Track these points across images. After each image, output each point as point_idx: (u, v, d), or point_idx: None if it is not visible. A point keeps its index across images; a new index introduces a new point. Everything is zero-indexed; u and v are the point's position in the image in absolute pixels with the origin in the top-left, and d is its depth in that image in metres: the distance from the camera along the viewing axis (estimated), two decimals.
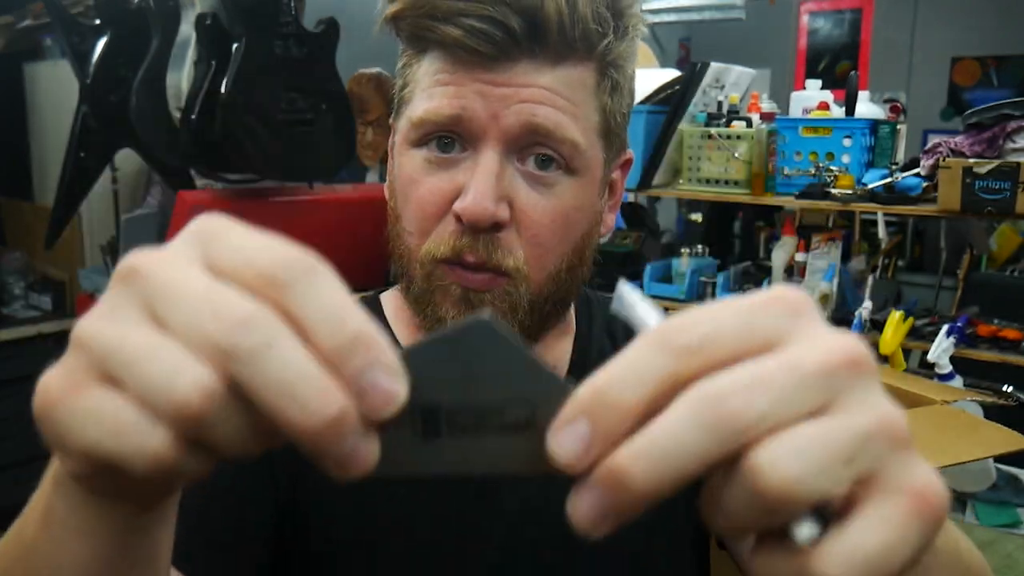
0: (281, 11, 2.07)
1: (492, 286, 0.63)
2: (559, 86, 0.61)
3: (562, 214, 0.64)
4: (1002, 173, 1.68)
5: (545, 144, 0.61)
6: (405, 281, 0.68)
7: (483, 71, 0.60)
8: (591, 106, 0.64)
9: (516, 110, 0.60)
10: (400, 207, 0.66)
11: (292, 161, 2.15)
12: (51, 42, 3.30)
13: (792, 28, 5.28)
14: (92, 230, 3.14)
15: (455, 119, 0.61)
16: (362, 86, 2.85)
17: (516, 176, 0.62)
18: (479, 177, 0.60)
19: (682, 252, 2.34)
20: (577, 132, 0.62)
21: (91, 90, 2.20)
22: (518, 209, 0.62)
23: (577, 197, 0.64)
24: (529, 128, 0.61)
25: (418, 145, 0.64)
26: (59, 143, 2.65)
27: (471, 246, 0.62)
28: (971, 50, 4.84)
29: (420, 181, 0.64)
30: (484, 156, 0.61)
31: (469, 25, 0.58)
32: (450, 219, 0.62)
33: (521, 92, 0.60)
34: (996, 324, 1.88)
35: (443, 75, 0.61)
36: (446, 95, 0.61)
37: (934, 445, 1.26)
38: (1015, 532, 1.56)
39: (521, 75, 0.60)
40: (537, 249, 0.63)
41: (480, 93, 0.60)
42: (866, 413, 0.27)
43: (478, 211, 0.60)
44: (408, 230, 0.66)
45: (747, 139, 2.11)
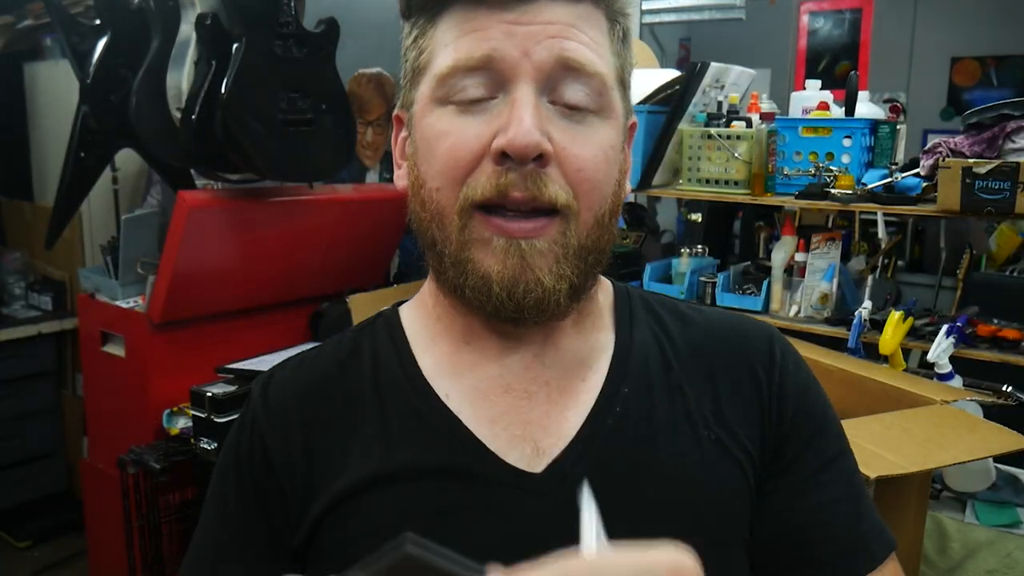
0: (281, 11, 2.06)
1: (543, 232, 0.61)
2: (581, 22, 0.62)
3: (601, 150, 0.63)
4: (1002, 173, 1.68)
5: (577, 79, 0.61)
6: (436, 250, 0.65)
7: (506, 12, 0.60)
8: (608, 50, 0.64)
9: (548, 45, 0.60)
10: (424, 170, 0.64)
11: (292, 161, 2.15)
12: (51, 42, 3.30)
13: (792, 28, 5.27)
14: (92, 230, 3.14)
15: (485, 60, 0.60)
16: (362, 86, 2.85)
17: (551, 113, 0.61)
18: (520, 109, 0.59)
19: (682, 252, 2.34)
20: (604, 67, 0.63)
21: (91, 90, 2.20)
22: (558, 144, 0.61)
23: (609, 137, 0.64)
24: (562, 61, 0.60)
25: (444, 103, 0.62)
26: (59, 143, 2.64)
27: (517, 182, 0.60)
28: (971, 50, 4.83)
29: (448, 132, 0.62)
30: (520, 91, 0.60)
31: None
32: (487, 163, 0.60)
33: (548, 28, 0.60)
34: (996, 324, 1.88)
35: (467, 24, 0.61)
36: (474, 40, 0.61)
37: (934, 445, 1.26)
38: (1015, 532, 1.55)
39: (545, 12, 0.60)
40: (585, 185, 0.62)
41: (507, 33, 0.60)
42: None
43: (526, 140, 0.58)
44: (436, 187, 0.63)
45: (747, 139, 2.11)
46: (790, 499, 0.69)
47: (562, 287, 0.62)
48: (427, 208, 0.64)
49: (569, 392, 0.68)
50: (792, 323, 2.09)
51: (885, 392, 1.51)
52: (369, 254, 2.71)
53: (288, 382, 0.73)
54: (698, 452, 0.67)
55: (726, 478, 0.68)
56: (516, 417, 0.66)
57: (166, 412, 2.29)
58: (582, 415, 0.67)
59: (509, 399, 0.67)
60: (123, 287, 2.45)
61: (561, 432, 0.66)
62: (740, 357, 0.72)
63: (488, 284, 0.62)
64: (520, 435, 0.66)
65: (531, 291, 0.61)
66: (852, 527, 0.70)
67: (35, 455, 3.27)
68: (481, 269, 0.62)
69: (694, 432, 0.68)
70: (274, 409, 0.71)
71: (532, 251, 0.61)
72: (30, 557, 3.08)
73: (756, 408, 0.70)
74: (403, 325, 0.74)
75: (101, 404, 2.56)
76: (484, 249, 0.61)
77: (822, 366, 1.62)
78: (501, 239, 0.61)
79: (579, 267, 0.63)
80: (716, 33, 4.67)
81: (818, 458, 0.71)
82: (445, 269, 0.64)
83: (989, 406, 1.58)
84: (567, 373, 0.69)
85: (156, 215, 2.58)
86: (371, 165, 2.91)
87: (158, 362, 2.32)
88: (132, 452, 2.18)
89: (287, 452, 0.68)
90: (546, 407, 0.67)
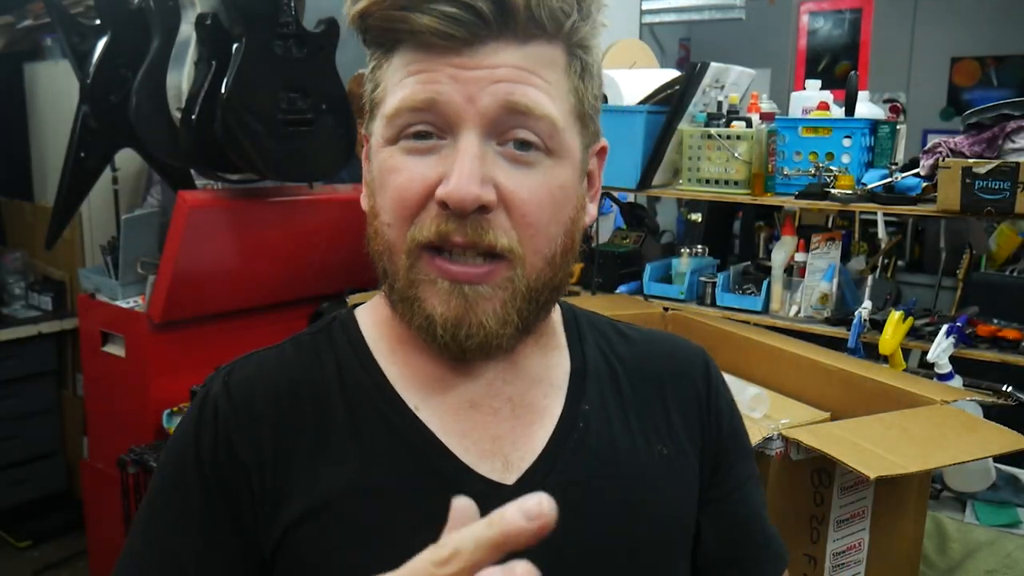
0: (281, 11, 2.07)
1: (487, 278, 0.62)
2: (531, 64, 0.61)
3: (548, 193, 0.63)
4: (1002, 173, 1.68)
5: (524, 124, 0.61)
6: (388, 282, 0.66)
7: (454, 56, 0.60)
8: (564, 87, 0.63)
9: (492, 91, 0.60)
10: (378, 202, 0.65)
11: (292, 161, 2.15)
12: (51, 42, 3.30)
13: (792, 28, 5.27)
14: (92, 230, 3.14)
15: (429, 103, 0.60)
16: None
17: (498, 158, 0.61)
18: (461, 160, 0.59)
19: (682, 252, 2.34)
20: (554, 110, 0.62)
21: (91, 90, 2.20)
22: (504, 190, 0.61)
23: (559, 177, 0.63)
24: (507, 107, 0.60)
25: (394, 142, 0.63)
26: (59, 143, 2.64)
27: (458, 228, 0.60)
28: (971, 50, 4.84)
29: (399, 170, 0.62)
30: (464, 139, 0.60)
31: (439, 11, 0.58)
32: (433, 206, 0.61)
33: (495, 72, 0.60)
34: (995, 324, 1.88)
35: (414, 65, 0.61)
36: (419, 82, 0.60)
37: (934, 445, 1.26)
38: (1015, 532, 1.56)
39: (492, 56, 0.60)
40: (529, 230, 0.62)
41: (453, 77, 0.60)
42: None
43: (463, 194, 0.58)
44: (387, 222, 0.64)
45: (747, 139, 2.11)
46: (727, 507, 0.76)
47: (507, 331, 0.63)
48: (379, 240, 0.66)
49: (532, 408, 0.70)
50: (792, 323, 2.08)
51: (885, 392, 1.51)
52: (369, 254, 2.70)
53: (253, 380, 0.70)
54: (652, 464, 0.72)
55: (677, 488, 0.73)
56: (485, 432, 0.68)
57: (166, 412, 2.29)
58: (547, 430, 0.69)
59: (476, 415, 0.68)
60: (123, 287, 2.45)
61: (529, 446, 0.68)
62: (681, 375, 0.77)
63: (433, 325, 0.63)
64: (490, 449, 0.67)
65: (474, 335, 0.62)
66: (771, 534, 0.79)
67: (35, 455, 3.27)
68: (426, 309, 0.63)
69: (648, 446, 0.72)
70: (239, 405, 0.68)
71: (476, 295, 0.62)
72: (30, 557, 3.08)
73: (697, 423, 0.76)
74: (361, 331, 0.73)
75: (101, 404, 2.56)
76: (430, 289, 0.62)
77: (822, 366, 1.62)
78: (446, 282, 0.62)
79: (528, 308, 0.64)
80: (716, 33, 4.67)
81: (744, 471, 0.79)
82: (395, 303, 0.66)
83: (989, 406, 1.58)
84: (529, 390, 0.71)
85: (156, 215, 2.58)
86: None
87: (158, 362, 2.32)
88: (132, 452, 2.18)
89: (256, 450, 0.66)
90: (511, 422, 0.69)
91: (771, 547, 0.79)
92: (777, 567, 0.78)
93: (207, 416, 0.68)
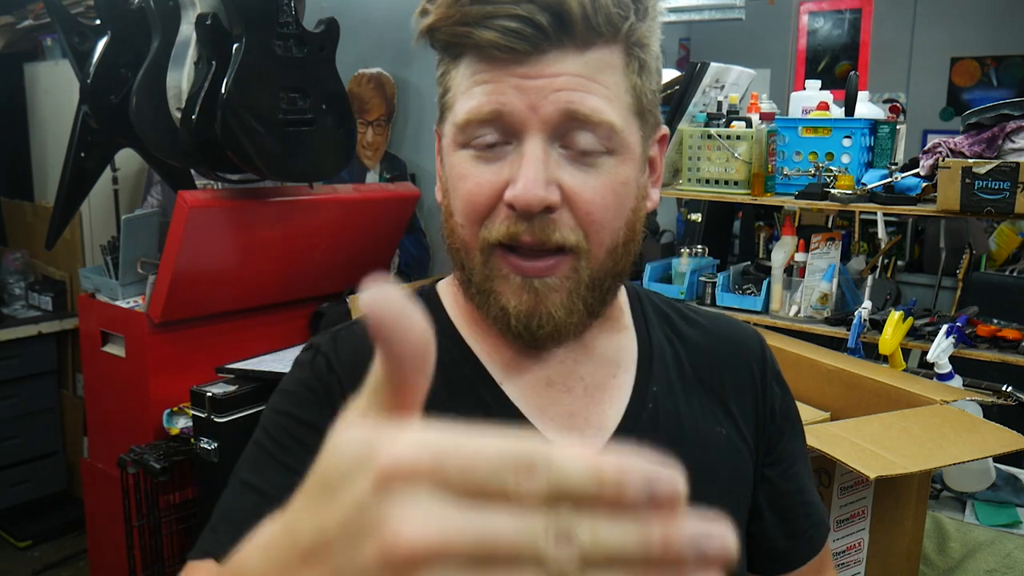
0: (281, 11, 2.07)
1: (554, 270, 0.66)
2: (590, 71, 0.64)
3: (610, 190, 0.66)
4: (1001, 173, 1.68)
5: (584, 128, 0.64)
6: (464, 274, 0.70)
7: (516, 66, 0.63)
8: (622, 87, 0.66)
9: (553, 99, 0.63)
10: (452, 203, 0.69)
11: (292, 161, 2.15)
12: (51, 42, 3.30)
13: (792, 28, 5.27)
14: (92, 230, 3.14)
15: (495, 115, 0.64)
16: (362, 86, 2.85)
17: (561, 160, 0.65)
18: (527, 164, 0.63)
19: (682, 252, 2.34)
20: (612, 113, 0.65)
21: (91, 90, 2.19)
22: (567, 190, 0.65)
23: (620, 173, 0.67)
24: (567, 115, 0.63)
25: (464, 146, 0.67)
26: (59, 143, 2.65)
27: (527, 228, 0.65)
28: (970, 50, 4.83)
29: (469, 176, 0.67)
30: (529, 145, 0.64)
31: (501, 25, 0.62)
32: (502, 207, 0.65)
33: (555, 81, 0.63)
34: (995, 324, 1.88)
35: (480, 75, 0.65)
36: (484, 93, 0.64)
37: (934, 445, 1.26)
38: (1015, 532, 1.56)
39: (552, 65, 0.63)
40: (594, 226, 0.66)
41: (517, 87, 0.63)
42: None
43: (529, 197, 0.63)
44: (460, 223, 0.68)
45: (747, 139, 2.11)
46: (780, 484, 0.81)
47: (573, 319, 0.68)
48: (455, 238, 0.70)
49: (603, 388, 0.75)
50: (792, 323, 2.09)
51: (885, 392, 1.51)
52: (369, 254, 2.71)
53: (359, 342, 0.74)
54: (713, 441, 0.76)
55: (736, 466, 0.77)
56: (561, 408, 0.73)
57: (166, 412, 2.29)
58: (619, 410, 0.74)
59: (552, 393, 0.73)
60: (123, 287, 2.45)
61: (602, 424, 0.73)
62: (739, 357, 0.81)
63: (507, 316, 0.68)
64: (566, 424, 0.72)
65: (544, 324, 0.67)
66: (816, 504, 0.85)
67: (35, 455, 3.27)
68: (501, 302, 0.68)
69: (710, 426, 0.77)
70: (349, 362, 0.72)
71: (544, 288, 0.66)
72: (30, 557, 3.08)
73: (752, 404, 0.80)
74: (445, 308, 0.78)
75: (101, 404, 2.56)
76: (503, 284, 0.67)
77: (822, 366, 1.62)
78: (517, 277, 0.66)
79: (593, 296, 0.69)
80: (716, 33, 4.67)
81: (796, 450, 0.84)
82: (472, 295, 0.71)
83: (989, 406, 1.58)
84: (599, 371, 0.75)
85: (156, 215, 2.58)
86: (371, 165, 2.91)
87: (158, 362, 2.32)
88: (132, 452, 2.18)
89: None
90: (584, 401, 0.74)
91: (816, 516, 0.84)
92: (821, 533, 0.84)
93: (320, 367, 0.73)
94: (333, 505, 0.27)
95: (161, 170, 2.53)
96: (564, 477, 0.26)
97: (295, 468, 0.68)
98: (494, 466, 0.26)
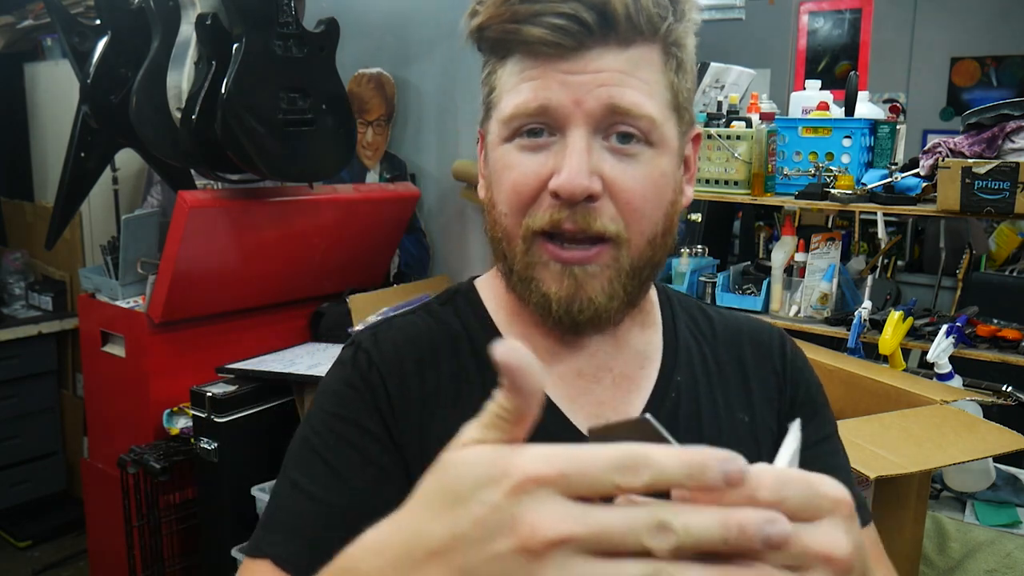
0: (281, 11, 2.07)
1: (595, 258, 0.69)
2: (631, 67, 0.67)
3: (651, 181, 0.69)
4: (1001, 173, 1.68)
5: (625, 121, 0.67)
6: (506, 264, 0.73)
7: (562, 62, 0.66)
8: (661, 83, 0.70)
9: (596, 94, 0.66)
10: (495, 194, 0.72)
11: (292, 161, 2.15)
12: (51, 42, 3.30)
13: (792, 28, 5.27)
14: (92, 230, 3.14)
15: (542, 109, 0.67)
16: (362, 86, 2.85)
17: (603, 152, 0.68)
18: (571, 155, 0.66)
19: (682, 252, 2.34)
20: (653, 108, 0.68)
21: (91, 90, 2.20)
22: (609, 180, 0.67)
23: (660, 166, 0.70)
24: (610, 108, 0.66)
25: (510, 139, 0.70)
26: (59, 143, 2.65)
27: (569, 216, 0.67)
28: (970, 50, 4.83)
29: (514, 166, 0.69)
30: (573, 137, 0.67)
31: (548, 23, 0.65)
32: (545, 196, 0.68)
33: (599, 77, 0.66)
34: (995, 324, 1.88)
35: (527, 71, 0.68)
36: (532, 89, 0.67)
37: (934, 445, 1.26)
38: (1015, 532, 1.56)
39: (596, 61, 0.66)
40: (634, 215, 0.69)
41: (562, 83, 0.66)
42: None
43: (574, 185, 0.65)
44: (504, 212, 0.71)
45: (747, 139, 2.11)
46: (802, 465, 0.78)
47: (614, 305, 0.71)
48: (497, 228, 0.73)
49: (631, 379, 0.78)
50: (792, 323, 2.09)
51: (885, 392, 1.51)
52: (369, 254, 2.71)
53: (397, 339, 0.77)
54: (734, 429, 0.80)
55: (756, 450, 0.80)
56: (590, 398, 0.76)
57: (166, 412, 2.29)
58: (643, 399, 0.78)
59: (582, 383, 0.77)
60: (123, 287, 2.45)
61: (627, 412, 0.77)
62: (761, 351, 0.85)
63: (548, 302, 0.70)
64: (594, 413, 0.76)
65: (585, 309, 0.70)
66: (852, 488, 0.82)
67: (35, 455, 3.27)
68: (543, 288, 0.70)
69: (731, 415, 0.80)
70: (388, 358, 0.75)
71: (585, 275, 0.69)
72: (30, 557, 3.09)
73: (776, 394, 0.83)
74: (483, 302, 0.81)
75: (101, 404, 2.56)
76: (544, 271, 0.70)
77: (822, 366, 1.62)
78: (558, 264, 0.69)
79: (632, 284, 0.71)
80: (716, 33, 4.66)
81: (818, 432, 0.83)
82: (513, 284, 0.73)
83: (989, 406, 1.58)
84: (629, 363, 0.79)
85: (156, 215, 2.58)
86: (371, 165, 2.91)
87: (158, 362, 2.32)
88: (132, 452, 2.18)
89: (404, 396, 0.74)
90: (612, 391, 0.77)
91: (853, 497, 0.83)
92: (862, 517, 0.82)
93: (361, 363, 0.76)
94: (465, 509, 0.34)
95: (161, 170, 2.53)
96: (661, 469, 0.33)
97: (339, 468, 0.72)
98: (605, 469, 0.33)
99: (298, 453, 0.75)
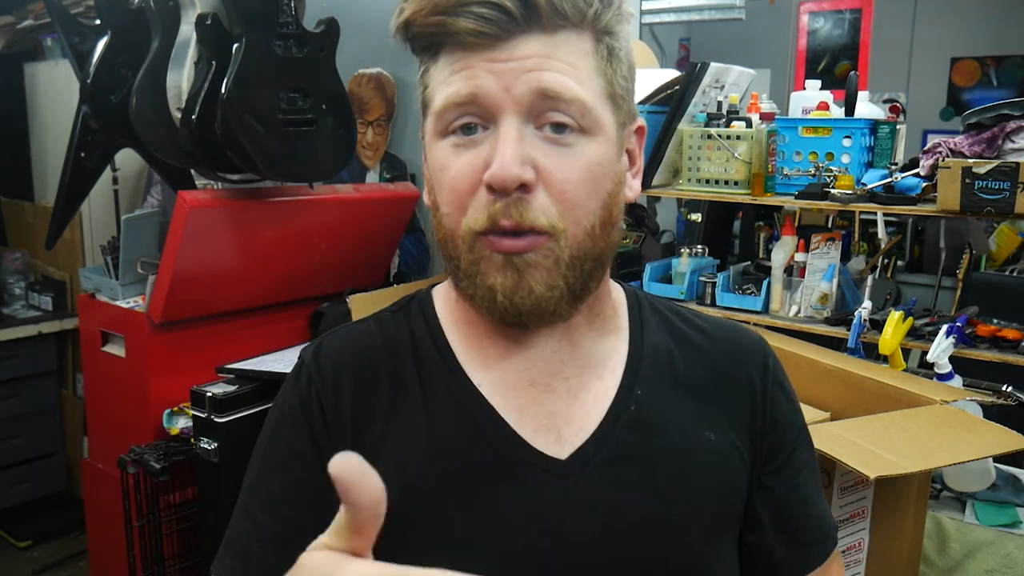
0: (281, 11, 2.07)
1: (532, 247, 0.68)
2: (559, 52, 0.67)
3: (585, 169, 0.68)
4: (1001, 173, 1.68)
5: (557, 108, 0.67)
6: (452, 263, 0.72)
7: (489, 51, 0.66)
8: (592, 70, 0.69)
9: (525, 79, 0.66)
10: (437, 195, 0.72)
11: (292, 161, 2.15)
12: (51, 42, 3.30)
13: (792, 28, 5.27)
14: (92, 230, 3.14)
15: (471, 97, 0.67)
16: (362, 86, 2.85)
17: (537, 141, 0.67)
18: (502, 144, 0.66)
19: (682, 252, 2.34)
20: (583, 92, 0.67)
21: (91, 90, 2.19)
22: (543, 170, 0.67)
23: (596, 154, 0.69)
24: (539, 93, 0.66)
25: (444, 135, 0.69)
26: (59, 143, 2.65)
27: (504, 211, 0.66)
28: (970, 50, 4.83)
29: (450, 165, 0.69)
30: (504, 126, 0.66)
31: (473, 12, 0.65)
32: (482, 192, 0.67)
33: (526, 63, 0.66)
34: (995, 324, 1.88)
35: (456, 63, 0.68)
36: (462, 79, 0.67)
37: (934, 445, 1.26)
38: (1015, 532, 1.56)
39: (522, 48, 0.66)
40: (568, 204, 0.68)
41: (489, 71, 0.66)
42: None
43: (504, 174, 0.65)
44: (446, 212, 0.70)
45: (747, 139, 2.11)
46: (782, 493, 0.80)
47: (554, 295, 0.69)
48: (442, 230, 0.72)
49: (587, 389, 0.76)
50: (792, 323, 2.09)
51: (885, 392, 1.51)
52: (369, 254, 2.71)
53: (340, 350, 0.79)
54: (700, 450, 0.76)
55: (726, 472, 0.77)
56: (541, 408, 0.74)
57: (166, 412, 2.29)
58: (601, 411, 0.75)
59: (533, 392, 0.75)
60: (123, 287, 2.45)
61: (583, 424, 0.74)
62: (739, 365, 0.82)
63: (494, 294, 0.69)
64: (545, 425, 0.74)
65: (525, 299, 0.69)
66: (821, 516, 0.83)
67: (35, 455, 3.27)
68: (488, 281, 0.69)
69: (697, 432, 0.77)
70: (326, 372, 0.76)
71: (524, 264, 0.68)
72: (30, 557, 3.09)
73: (749, 413, 0.80)
74: (436, 310, 0.80)
75: (101, 404, 2.56)
76: (488, 264, 0.69)
77: (822, 366, 1.62)
78: (500, 256, 0.68)
79: (574, 275, 0.70)
80: (716, 33, 4.67)
81: (800, 460, 0.82)
82: (460, 281, 0.72)
83: (989, 406, 1.58)
84: (585, 371, 0.77)
85: (156, 215, 2.58)
86: (371, 165, 2.91)
87: (158, 362, 2.32)
88: (132, 452, 2.18)
89: (338, 411, 0.75)
90: (567, 401, 0.75)
91: (821, 529, 0.82)
92: (826, 547, 0.82)
93: (302, 380, 0.77)
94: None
95: (161, 170, 2.53)
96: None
97: (276, 492, 0.74)
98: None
99: (248, 474, 0.77)
